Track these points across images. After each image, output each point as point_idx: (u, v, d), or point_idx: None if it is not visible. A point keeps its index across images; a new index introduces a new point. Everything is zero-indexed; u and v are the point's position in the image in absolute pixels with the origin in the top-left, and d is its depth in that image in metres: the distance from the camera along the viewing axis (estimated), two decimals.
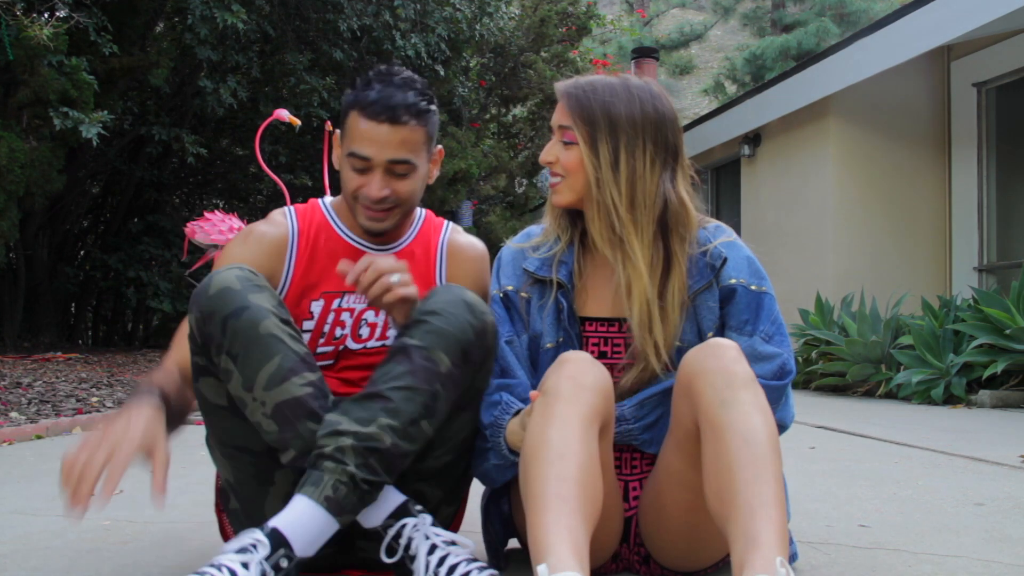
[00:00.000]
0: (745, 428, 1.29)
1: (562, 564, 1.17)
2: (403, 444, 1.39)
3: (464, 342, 1.44)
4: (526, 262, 1.64)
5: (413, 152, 1.60)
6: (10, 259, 7.28)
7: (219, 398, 1.48)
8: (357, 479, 1.36)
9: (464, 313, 1.45)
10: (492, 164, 11.25)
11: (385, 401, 1.40)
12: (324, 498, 1.34)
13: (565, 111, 1.59)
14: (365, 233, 1.67)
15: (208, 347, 1.44)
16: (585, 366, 1.39)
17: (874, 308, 6.20)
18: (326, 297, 1.66)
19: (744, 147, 8.69)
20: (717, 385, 1.33)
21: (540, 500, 1.26)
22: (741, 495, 1.24)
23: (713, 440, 1.31)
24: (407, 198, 1.63)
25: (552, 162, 1.61)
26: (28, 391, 4.98)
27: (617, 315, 1.61)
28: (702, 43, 26.63)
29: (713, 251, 1.59)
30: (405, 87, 1.58)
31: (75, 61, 5.84)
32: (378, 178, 1.58)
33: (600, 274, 1.65)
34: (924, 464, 3.02)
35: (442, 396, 1.43)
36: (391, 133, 1.56)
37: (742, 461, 1.26)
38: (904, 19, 6.61)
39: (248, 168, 9.79)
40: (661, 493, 1.50)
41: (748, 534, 1.20)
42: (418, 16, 8.12)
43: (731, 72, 21.63)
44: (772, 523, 1.20)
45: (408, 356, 1.42)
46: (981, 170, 7.20)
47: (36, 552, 1.85)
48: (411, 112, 1.57)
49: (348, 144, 1.59)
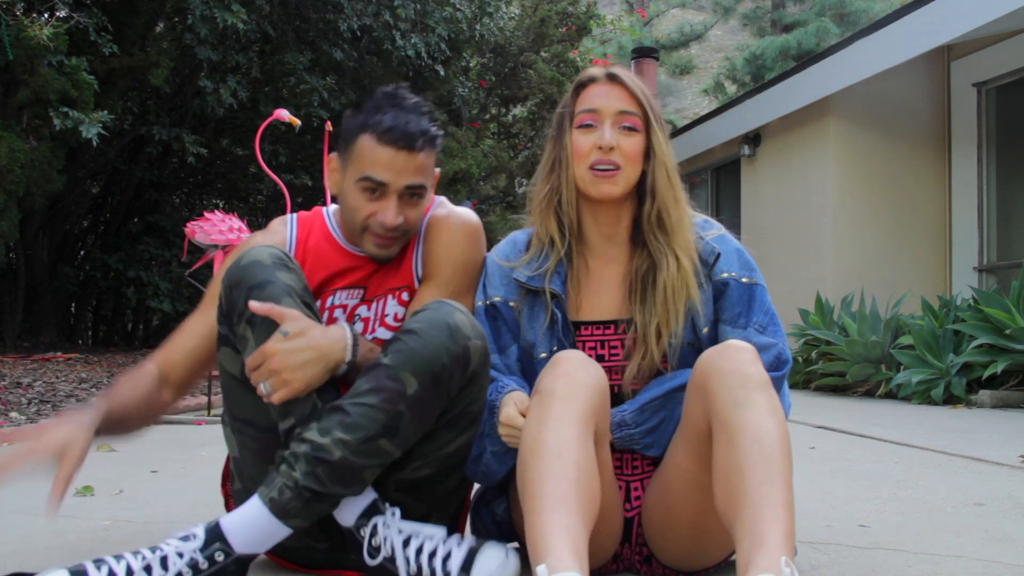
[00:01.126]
0: (757, 430, 1.28)
1: (561, 564, 1.16)
2: (355, 459, 1.40)
3: (436, 366, 1.42)
4: (516, 273, 1.61)
5: (426, 177, 1.61)
6: (10, 259, 7.28)
7: (234, 368, 1.52)
8: (300, 486, 1.39)
9: (442, 337, 1.42)
10: (492, 164, 11.24)
11: (344, 415, 1.41)
12: (269, 499, 1.39)
13: (628, 95, 1.56)
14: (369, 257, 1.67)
15: (231, 315, 1.49)
16: (579, 364, 1.39)
17: (874, 308, 6.20)
18: (318, 295, 1.67)
19: (744, 147, 8.70)
20: (731, 386, 1.32)
21: (538, 500, 1.25)
22: (750, 495, 1.23)
23: (725, 440, 1.30)
24: (415, 224, 1.64)
25: (613, 148, 1.55)
26: (28, 391, 4.98)
27: (614, 317, 1.60)
28: (702, 43, 26.61)
29: (705, 247, 1.59)
30: (418, 113, 1.58)
31: (75, 61, 5.84)
32: (393, 204, 1.57)
33: (595, 277, 1.63)
34: (924, 464, 3.01)
35: (407, 417, 1.42)
36: (408, 160, 1.56)
37: (753, 462, 1.26)
38: (904, 19, 6.62)
39: (248, 168, 9.78)
40: (669, 491, 1.49)
41: (755, 533, 1.19)
42: (418, 16, 8.12)
43: (731, 72, 21.61)
44: (779, 524, 1.20)
45: (376, 374, 1.43)
46: (981, 170, 7.20)
47: (36, 552, 1.85)
48: (426, 139, 1.58)
49: (360, 169, 1.57)
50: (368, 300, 1.68)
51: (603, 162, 1.55)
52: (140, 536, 2.01)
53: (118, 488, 2.65)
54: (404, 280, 1.69)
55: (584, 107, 1.58)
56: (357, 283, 1.68)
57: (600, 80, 1.59)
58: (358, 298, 1.67)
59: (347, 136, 1.61)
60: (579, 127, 1.58)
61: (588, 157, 1.56)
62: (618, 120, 1.55)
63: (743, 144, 8.71)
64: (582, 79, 1.62)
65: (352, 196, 1.60)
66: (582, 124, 1.58)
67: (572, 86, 1.65)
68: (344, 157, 1.62)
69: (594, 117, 1.57)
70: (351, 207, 1.61)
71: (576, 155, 1.58)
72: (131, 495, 2.55)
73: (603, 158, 1.55)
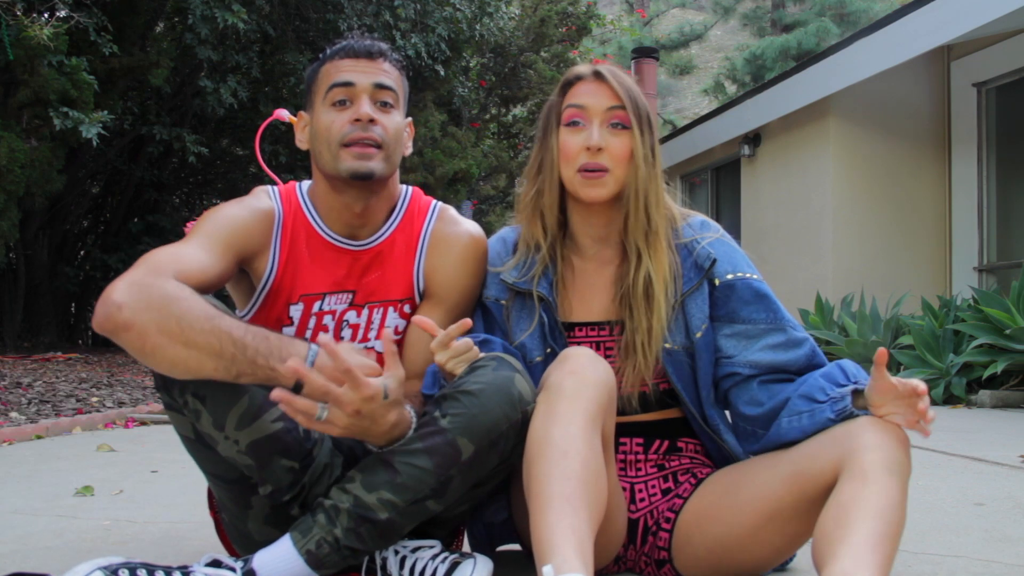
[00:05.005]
0: (892, 499, 1.23)
1: (568, 565, 1.15)
2: (400, 520, 1.37)
3: (495, 433, 1.36)
4: (504, 275, 1.59)
5: (395, 84, 1.56)
6: (10, 259, 7.28)
7: (187, 431, 1.44)
8: (341, 544, 1.35)
9: (504, 405, 1.35)
10: (492, 164, 11.25)
11: (393, 473, 1.35)
12: (306, 551, 1.35)
13: (614, 92, 1.52)
14: (350, 178, 1.52)
15: (169, 387, 1.38)
16: (588, 361, 1.37)
17: (874, 308, 6.20)
18: (305, 300, 1.57)
19: (744, 147, 8.70)
20: (891, 447, 1.28)
21: (544, 499, 1.24)
22: (856, 535, 1.19)
23: (861, 487, 1.24)
24: (392, 137, 1.54)
25: (601, 149, 1.51)
26: (28, 391, 4.98)
27: (607, 319, 1.59)
28: (702, 43, 26.61)
29: (700, 251, 1.56)
30: (373, 40, 1.57)
31: (75, 61, 5.83)
32: (366, 101, 1.52)
33: (586, 278, 1.61)
34: (924, 464, 3.01)
35: (457, 479, 1.37)
36: (370, 64, 1.54)
37: (872, 512, 1.21)
38: (904, 19, 6.62)
39: (248, 168, 9.78)
40: (739, 510, 1.45)
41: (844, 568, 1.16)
42: (418, 16, 8.12)
43: (731, 72, 21.62)
44: (870, 569, 1.16)
45: (431, 435, 1.36)
46: (981, 170, 7.20)
47: (36, 552, 1.85)
48: (386, 54, 1.56)
49: (326, 84, 1.53)
50: (357, 305, 1.60)
51: (591, 164, 1.51)
52: (140, 536, 2.01)
53: (118, 488, 2.65)
54: (405, 292, 1.61)
55: (571, 102, 1.55)
56: (345, 284, 1.59)
57: (587, 78, 1.56)
58: (347, 303, 1.59)
59: (309, 81, 1.59)
60: (567, 124, 1.55)
61: (576, 159, 1.53)
62: (607, 117, 1.52)
63: (743, 144, 8.71)
64: (569, 77, 1.59)
65: (324, 117, 1.53)
66: (570, 121, 1.54)
67: (559, 84, 1.62)
68: (310, 101, 1.58)
69: (582, 114, 1.54)
70: (324, 128, 1.52)
71: (564, 157, 1.55)
72: (131, 495, 2.55)
73: (591, 161, 1.52)
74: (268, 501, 1.45)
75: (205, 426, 1.39)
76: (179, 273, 1.33)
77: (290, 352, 1.30)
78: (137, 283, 1.27)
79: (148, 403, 5.09)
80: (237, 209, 1.54)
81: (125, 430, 4.37)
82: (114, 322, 1.25)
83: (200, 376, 1.29)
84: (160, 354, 1.26)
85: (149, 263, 1.33)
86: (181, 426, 1.44)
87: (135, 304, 1.25)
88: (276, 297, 1.57)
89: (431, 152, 9.05)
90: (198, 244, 1.44)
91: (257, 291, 1.57)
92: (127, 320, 1.24)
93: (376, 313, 1.60)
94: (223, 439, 1.38)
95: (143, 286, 1.27)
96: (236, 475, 1.45)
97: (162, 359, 1.26)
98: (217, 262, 1.44)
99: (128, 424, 4.54)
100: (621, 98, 1.52)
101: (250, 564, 1.35)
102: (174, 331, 1.25)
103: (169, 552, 1.86)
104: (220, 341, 1.26)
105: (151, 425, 4.54)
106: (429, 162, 9.01)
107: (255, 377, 1.29)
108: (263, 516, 1.48)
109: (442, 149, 9.24)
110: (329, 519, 1.36)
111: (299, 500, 1.46)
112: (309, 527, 1.37)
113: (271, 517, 1.48)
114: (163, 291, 1.27)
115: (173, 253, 1.39)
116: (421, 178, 8.82)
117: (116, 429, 4.39)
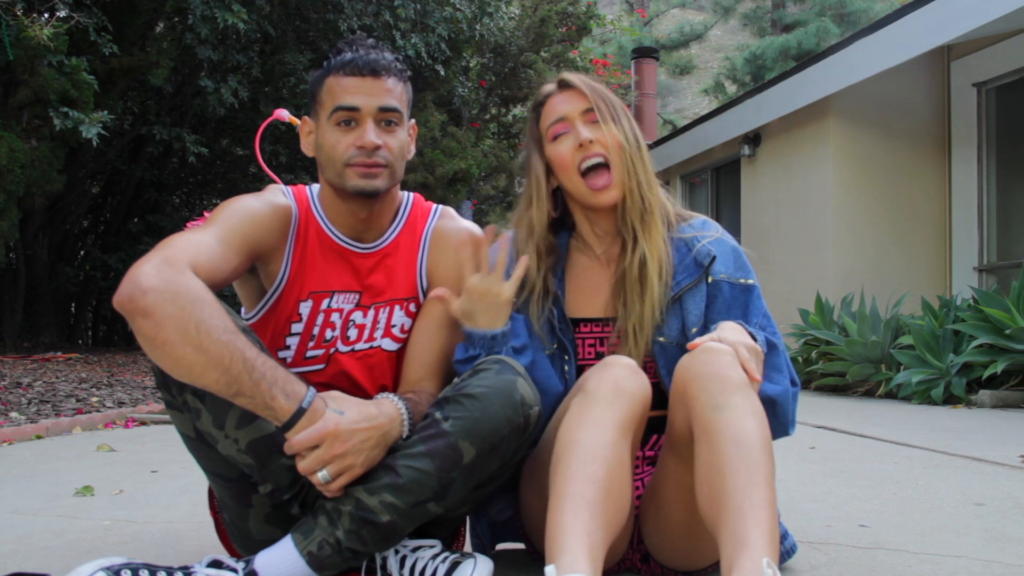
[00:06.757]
0: (737, 432, 1.27)
1: (575, 566, 1.15)
2: (402, 522, 1.38)
3: (496, 437, 1.37)
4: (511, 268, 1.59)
5: (399, 103, 1.56)
6: (10, 259, 7.28)
7: (187, 429, 1.45)
8: (343, 545, 1.36)
9: (506, 409, 1.37)
10: (492, 164, 11.24)
11: (394, 476, 1.36)
12: (307, 552, 1.36)
13: (583, 94, 1.57)
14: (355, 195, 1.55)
15: (169, 385, 1.39)
16: (628, 372, 1.38)
17: (874, 308, 6.20)
18: (314, 297, 1.59)
19: (744, 147, 8.69)
20: (711, 390, 1.31)
21: (563, 499, 1.25)
22: (732, 498, 1.22)
23: (706, 444, 1.29)
24: (397, 155, 1.56)
25: (592, 140, 1.55)
26: (28, 391, 4.98)
27: (611, 314, 1.60)
28: (702, 43, 26.61)
29: (701, 249, 1.59)
30: (379, 49, 1.56)
31: (75, 61, 5.83)
32: (370, 126, 1.52)
33: (591, 274, 1.64)
34: (924, 464, 3.01)
35: (458, 482, 1.38)
36: (375, 84, 1.53)
37: (734, 465, 1.25)
38: (904, 19, 6.61)
39: (248, 168, 9.78)
40: (659, 494, 1.49)
41: (737, 536, 1.19)
42: (418, 16, 8.12)
43: (731, 72, 21.62)
44: (761, 526, 1.19)
45: (432, 437, 1.37)
46: (981, 170, 7.20)
47: (36, 552, 1.85)
48: (391, 69, 1.55)
49: (331, 105, 1.54)
50: (363, 306, 1.62)
51: (590, 156, 1.55)
52: (140, 536, 2.01)
53: (118, 488, 2.65)
54: (408, 291, 1.63)
55: (550, 120, 1.60)
56: (352, 285, 1.62)
57: (554, 93, 1.61)
58: (353, 303, 1.61)
59: (314, 89, 1.58)
60: (553, 140, 1.59)
61: (574, 162, 1.57)
62: (587, 117, 1.57)
63: (743, 144, 8.71)
64: (539, 98, 1.64)
65: (329, 136, 1.54)
66: (556, 136, 1.59)
67: (530, 108, 1.66)
68: (314, 110, 1.59)
69: (564, 125, 1.58)
70: (330, 146, 1.54)
71: (562, 167, 1.58)
72: (131, 495, 2.55)
73: (587, 154, 1.56)
74: (268, 500, 1.46)
75: (205, 425, 1.40)
76: (194, 264, 1.32)
77: (294, 389, 1.32)
78: (167, 273, 1.27)
79: (148, 403, 5.09)
80: (257, 204, 1.55)
81: (125, 430, 4.37)
82: (136, 304, 1.24)
83: (198, 383, 1.29)
84: (168, 350, 1.25)
85: (174, 247, 1.34)
86: (182, 424, 1.45)
87: (161, 294, 1.24)
88: (288, 296, 1.59)
89: (431, 152, 9.05)
90: (217, 236, 1.44)
91: (269, 292, 1.58)
92: (149, 306, 1.23)
93: (382, 313, 1.63)
94: (223, 438, 1.39)
95: (172, 279, 1.26)
96: (237, 474, 1.46)
97: (169, 355, 1.26)
98: (233, 257, 1.45)
99: (128, 424, 4.54)
100: (591, 98, 1.57)
101: (251, 565, 1.36)
102: (190, 332, 1.24)
103: (169, 552, 1.86)
104: (231, 356, 1.26)
105: (151, 425, 4.54)
106: (429, 162, 9.01)
107: (252, 402, 1.30)
108: (264, 515, 1.49)
109: (442, 149, 9.24)
110: (331, 521, 1.37)
111: (299, 499, 1.46)
112: (311, 528, 1.38)
113: (272, 516, 1.48)
114: (191, 290, 1.27)
115: (195, 242, 1.38)
116: (421, 178, 8.82)
117: (116, 429, 4.39)
